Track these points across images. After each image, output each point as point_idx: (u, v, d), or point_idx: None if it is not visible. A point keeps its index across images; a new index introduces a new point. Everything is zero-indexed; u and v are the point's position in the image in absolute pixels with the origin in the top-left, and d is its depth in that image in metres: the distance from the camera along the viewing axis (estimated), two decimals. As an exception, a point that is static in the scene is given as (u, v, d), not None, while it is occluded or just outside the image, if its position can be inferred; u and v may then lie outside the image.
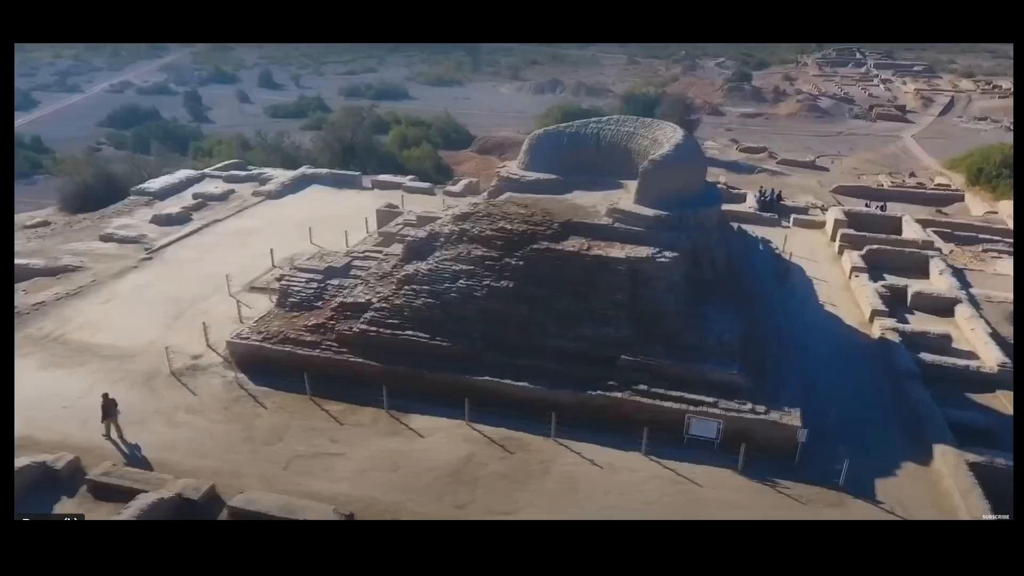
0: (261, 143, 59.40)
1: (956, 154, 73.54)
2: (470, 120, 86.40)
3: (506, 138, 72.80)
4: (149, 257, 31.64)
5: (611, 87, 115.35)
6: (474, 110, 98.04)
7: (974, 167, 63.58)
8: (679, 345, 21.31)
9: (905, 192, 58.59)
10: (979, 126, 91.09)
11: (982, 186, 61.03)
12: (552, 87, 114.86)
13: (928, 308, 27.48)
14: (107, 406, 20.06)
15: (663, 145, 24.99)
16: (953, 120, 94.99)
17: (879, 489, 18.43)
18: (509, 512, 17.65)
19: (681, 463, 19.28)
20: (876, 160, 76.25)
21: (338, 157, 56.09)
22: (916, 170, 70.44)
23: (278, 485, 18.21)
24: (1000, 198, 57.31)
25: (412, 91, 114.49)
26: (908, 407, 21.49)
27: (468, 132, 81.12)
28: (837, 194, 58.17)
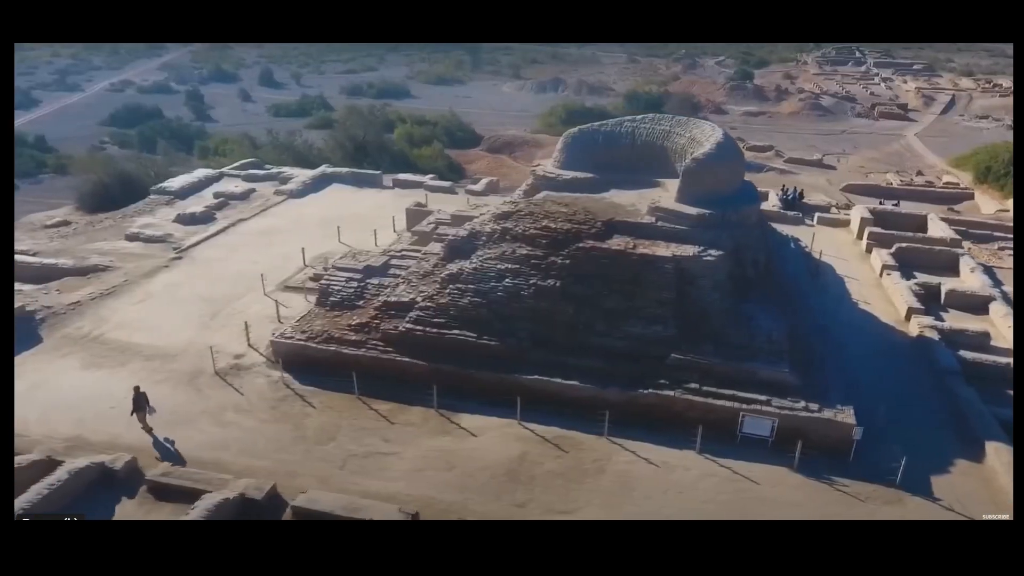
0: (273, 142, 59.12)
1: (959, 152, 74.00)
2: (474, 119, 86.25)
3: (515, 137, 72.84)
4: (179, 256, 31.48)
5: (612, 86, 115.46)
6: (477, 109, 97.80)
7: (982, 165, 63.95)
8: (726, 343, 21.39)
9: (915, 191, 58.84)
10: (981, 124, 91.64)
11: (991, 184, 61.35)
12: (554, 86, 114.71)
13: (962, 306, 27.66)
14: (138, 399, 20.01)
15: (702, 143, 25.06)
16: (955, 118, 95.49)
17: (935, 486, 18.55)
18: (569, 511, 17.68)
19: (735, 461, 19.34)
20: (881, 158, 76.63)
21: (350, 156, 55.96)
22: (921, 168, 70.83)
23: (335, 485, 18.18)
24: (1009, 196, 57.66)
25: (413, 90, 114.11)
26: (954, 405, 21.64)
27: (473, 131, 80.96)
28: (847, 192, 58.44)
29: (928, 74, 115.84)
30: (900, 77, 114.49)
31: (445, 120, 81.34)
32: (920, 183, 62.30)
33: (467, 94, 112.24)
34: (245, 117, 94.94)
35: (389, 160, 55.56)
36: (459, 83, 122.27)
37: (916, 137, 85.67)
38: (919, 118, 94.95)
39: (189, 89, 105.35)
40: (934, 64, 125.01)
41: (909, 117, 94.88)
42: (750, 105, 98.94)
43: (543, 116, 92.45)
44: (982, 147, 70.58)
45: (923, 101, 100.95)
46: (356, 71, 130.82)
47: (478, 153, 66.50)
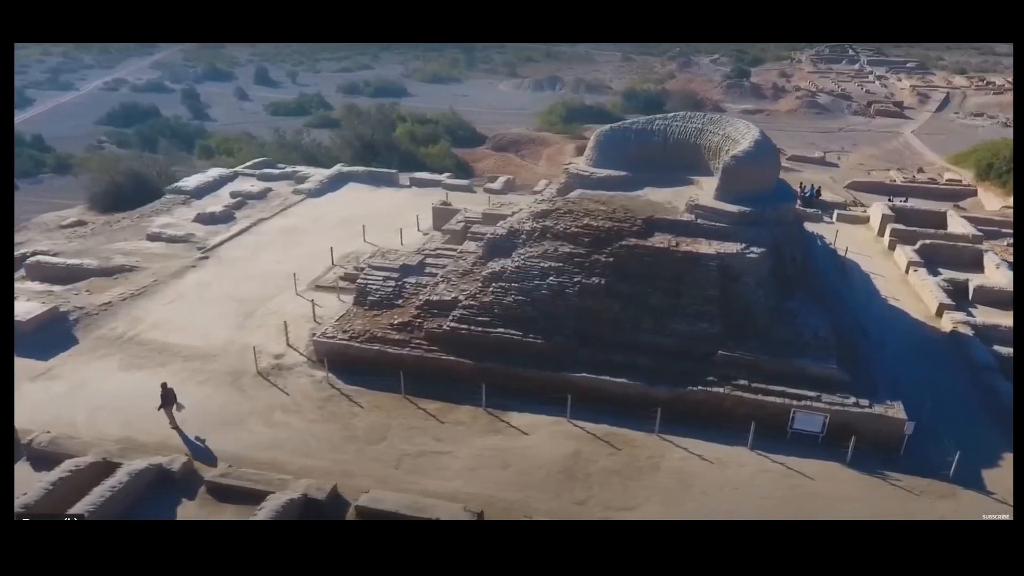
0: (280, 141, 58.79)
1: (957, 150, 74.80)
2: (473, 117, 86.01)
3: (520, 135, 72.79)
4: (205, 256, 31.27)
5: (609, 84, 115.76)
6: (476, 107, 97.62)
7: (983, 162, 64.59)
8: (772, 340, 21.54)
9: (918, 188, 59.40)
10: (976, 122, 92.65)
11: (993, 181, 62.04)
12: (551, 84, 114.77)
13: (990, 302, 27.99)
14: (167, 395, 19.89)
15: (738, 141, 25.17)
16: (950, 116, 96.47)
17: (986, 480, 18.79)
18: (628, 508, 17.76)
19: (787, 457, 19.49)
20: (880, 156, 77.28)
21: (359, 155, 55.75)
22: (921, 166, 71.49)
23: (394, 484, 18.15)
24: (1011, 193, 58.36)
25: (410, 88, 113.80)
26: (994, 400, 21.91)
27: (474, 129, 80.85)
28: (852, 190, 58.98)
29: (921, 72, 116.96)
30: (894, 75, 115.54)
31: (446, 119, 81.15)
32: (923, 180, 62.92)
33: (465, 92, 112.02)
34: (243, 116, 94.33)
35: (398, 159, 55.37)
36: (456, 81, 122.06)
37: (913, 134, 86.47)
38: (915, 116, 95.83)
39: (185, 88, 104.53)
40: (926, 62, 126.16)
41: (905, 115, 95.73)
42: (747, 103, 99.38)
43: (543, 114, 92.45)
44: (982, 144, 71.35)
45: (918, 99, 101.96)
46: (351, 69, 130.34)
47: (484, 152, 66.43)
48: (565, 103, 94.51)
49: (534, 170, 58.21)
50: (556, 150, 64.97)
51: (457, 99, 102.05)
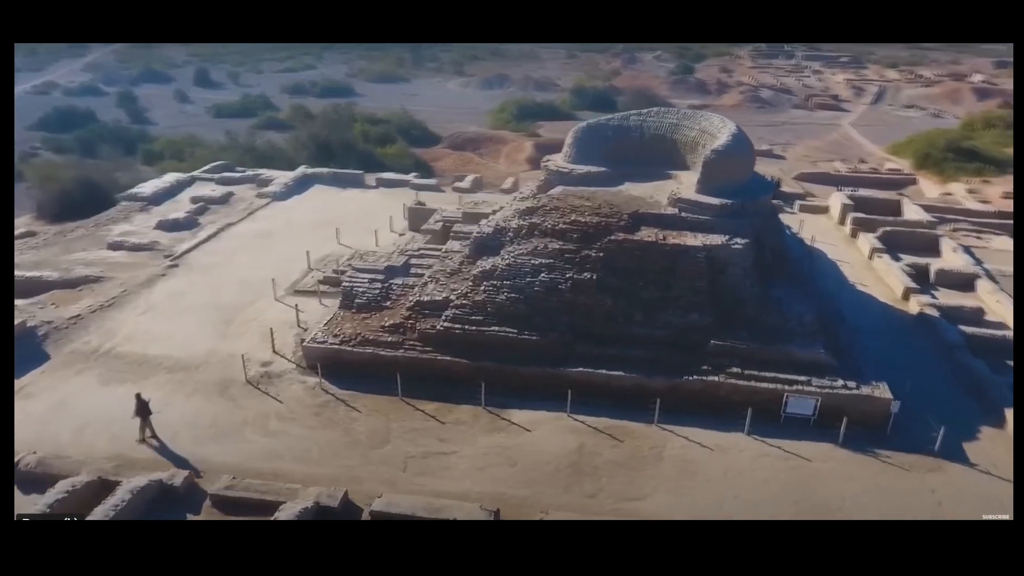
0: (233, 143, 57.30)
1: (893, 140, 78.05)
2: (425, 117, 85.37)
3: (478, 133, 72.71)
4: (174, 264, 30.30)
5: (557, 81, 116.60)
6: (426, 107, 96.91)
7: (920, 152, 67.61)
8: (760, 328, 22.14)
9: (863, 177, 61.76)
10: (909, 113, 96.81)
11: (930, 170, 64.99)
12: (499, 82, 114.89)
13: (950, 284, 29.38)
14: (141, 407, 19.28)
15: (715, 135, 25.76)
16: (884, 108, 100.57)
17: (969, 453, 19.75)
18: (639, 498, 18.05)
19: (782, 440, 20.09)
20: (822, 147, 79.98)
21: (315, 156, 54.81)
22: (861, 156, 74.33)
23: (403, 487, 18.01)
24: (948, 181, 61.26)
25: (357, 88, 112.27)
26: (967, 376, 23.03)
27: (427, 128, 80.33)
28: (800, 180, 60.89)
29: (855, 66, 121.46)
30: (829, 69, 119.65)
31: (398, 118, 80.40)
32: (866, 170, 65.47)
33: (413, 92, 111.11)
34: (185, 119, 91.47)
35: (357, 159, 54.63)
36: (403, 81, 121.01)
37: (851, 126, 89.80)
38: (852, 108, 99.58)
39: (121, 91, 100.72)
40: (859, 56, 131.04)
41: (842, 107, 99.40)
42: (693, 98, 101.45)
43: (494, 112, 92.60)
44: (918, 135, 74.66)
45: (853, 92, 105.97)
46: (295, 69, 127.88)
47: (442, 151, 66.09)
48: (516, 101, 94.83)
49: (495, 168, 58.24)
50: (514, 148, 65.17)
51: (407, 98, 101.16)
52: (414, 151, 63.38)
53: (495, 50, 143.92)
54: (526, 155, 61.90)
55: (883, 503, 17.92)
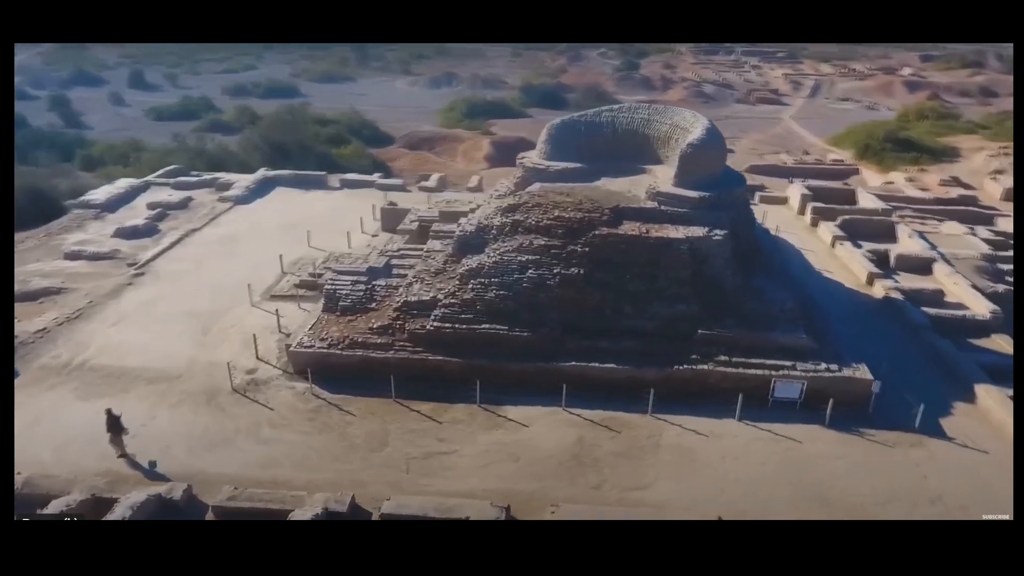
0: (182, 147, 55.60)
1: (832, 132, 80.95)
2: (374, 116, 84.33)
3: (433, 132, 72.29)
4: (140, 273, 29.29)
5: (505, 79, 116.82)
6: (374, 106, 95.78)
7: (860, 143, 70.37)
8: (744, 316, 22.78)
9: (808, 168, 63.72)
10: (845, 106, 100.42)
11: (870, 160, 67.69)
12: (447, 81, 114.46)
13: (909, 268, 30.71)
14: (114, 422, 18.56)
15: (688, 129, 26.34)
16: (821, 101, 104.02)
17: (946, 428, 20.74)
18: (643, 487, 18.37)
19: (772, 424, 20.72)
20: (767, 140, 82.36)
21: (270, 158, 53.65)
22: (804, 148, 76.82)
23: (408, 488, 17.91)
24: (888, 170, 63.90)
25: (302, 88, 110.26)
26: (936, 355, 24.16)
27: (377, 128, 79.52)
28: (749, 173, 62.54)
29: (791, 61, 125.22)
30: (767, 64, 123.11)
31: (347, 118, 79.34)
32: (811, 161, 67.61)
33: (360, 91, 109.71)
34: (122, 122, 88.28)
35: (314, 161, 53.69)
36: (349, 80, 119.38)
37: (792, 119, 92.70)
38: (791, 102, 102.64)
39: (52, 94, 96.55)
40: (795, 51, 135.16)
41: (782, 101, 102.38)
42: (639, 94, 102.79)
43: (444, 111, 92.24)
44: (857, 126, 77.62)
45: (791, 86, 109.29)
46: (235, 70, 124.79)
47: (397, 150, 65.50)
48: (466, 99, 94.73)
49: (454, 167, 58.04)
50: (471, 146, 65.05)
51: (354, 98, 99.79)
52: (370, 151, 62.63)
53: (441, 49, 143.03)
54: (484, 153, 61.92)
55: (873, 479, 18.68)
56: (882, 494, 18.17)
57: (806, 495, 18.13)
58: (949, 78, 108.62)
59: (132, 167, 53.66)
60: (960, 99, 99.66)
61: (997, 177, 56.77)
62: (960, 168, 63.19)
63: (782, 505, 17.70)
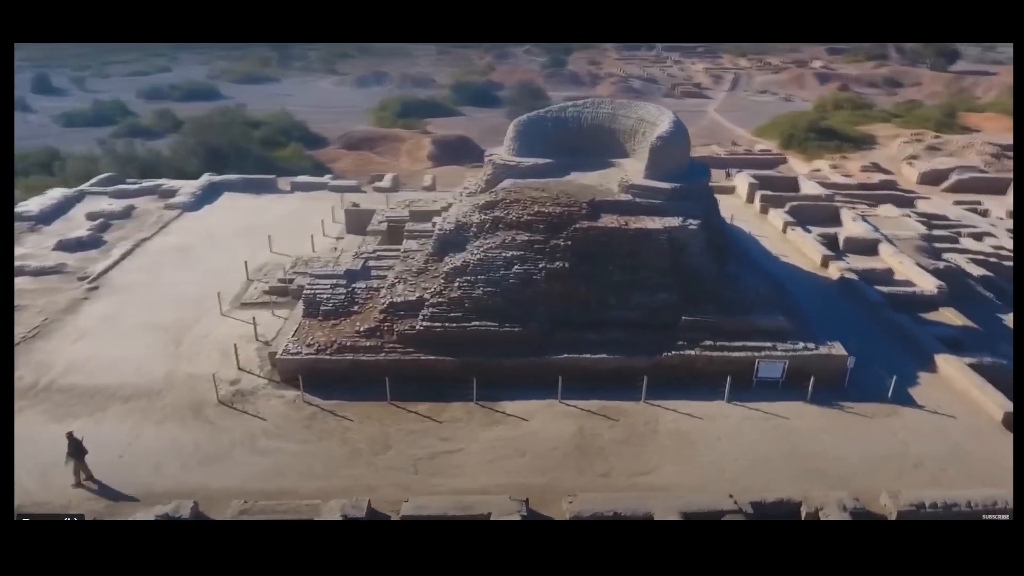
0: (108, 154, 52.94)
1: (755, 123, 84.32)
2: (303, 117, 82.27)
3: (371, 132, 71.23)
4: (94, 286, 27.83)
5: (434, 77, 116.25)
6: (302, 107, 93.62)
7: (785, 133, 73.60)
8: (723, 302, 23.58)
9: (740, 159, 66.25)
10: (763, 98, 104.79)
11: (795, 149, 70.88)
12: (376, 80, 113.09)
13: (857, 250, 32.47)
14: (76, 447, 17.55)
15: (655, 123, 27.02)
16: (742, 94, 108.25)
17: (915, 397, 22.11)
18: (648, 472, 18.84)
19: (759, 403, 21.56)
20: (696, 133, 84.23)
21: (207, 163, 51.80)
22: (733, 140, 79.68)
23: (420, 489, 17.79)
24: (813, 158, 67.08)
25: (223, 90, 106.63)
26: (895, 330, 25.68)
27: (308, 129, 77.70)
28: (686, 165, 64.42)
29: (710, 55, 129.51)
30: (688, 59, 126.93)
31: (277, 120, 77.32)
32: (741, 152, 70.24)
33: (285, 92, 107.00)
34: (30, 129, 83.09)
35: (254, 164, 52.12)
36: (272, 81, 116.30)
37: (717, 112, 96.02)
38: (714, 95, 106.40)
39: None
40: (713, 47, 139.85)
41: (705, 95, 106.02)
42: (569, 90, 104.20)
43: (376, 111, 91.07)
44: (780, 117, 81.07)
45: (712, 80, 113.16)
46: (147, 72, 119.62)
47: (337, 151, 64.26)
48: (399, 98, 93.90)
49: (399, 166, 57.40)
50: (414, 145, 64.49)
51: (279, 99, 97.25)
52: (310, 153, 61.26)
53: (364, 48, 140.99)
54: (427, 152, 61.52)
55: (859, 449, 19.75)
56: (870, 463, 19.23)
57: (802, 468, 19.00)
58: (857, 70, 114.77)
59: (57, 176, 50.88)
60: (868, 89, 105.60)
61: (913, 162, 60.59)
62: (878, 155, 67.07)
63: (782, 480, 18.50)
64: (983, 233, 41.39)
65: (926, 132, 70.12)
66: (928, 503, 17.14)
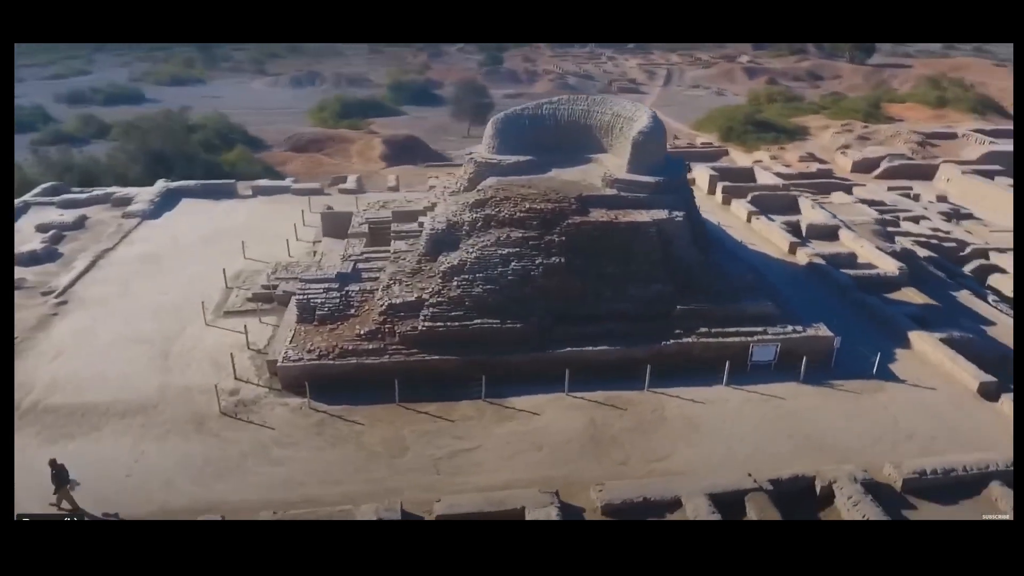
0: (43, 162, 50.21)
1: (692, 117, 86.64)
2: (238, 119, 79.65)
3: (318, 134, 69.82)
4: (63, 301, 26.48)
5: (369, 76, 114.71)
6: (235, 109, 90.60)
7: (724, 126, 75.97)
8: (712, 290, 24.38)
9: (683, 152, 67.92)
10: (696, 92, 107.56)
11: (734, 141, 73.28)
12: (310, 80, 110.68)
13: (819, 236, 33.99)
14: (60, 474, 16.93)
15: (631, 119, 27.62)
16: (675, 89, 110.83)
17: (896, 372, 23.40)
18: (664, 458, 19.37)
19: (755, 385, 22.42)
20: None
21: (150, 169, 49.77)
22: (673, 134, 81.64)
23: (445, 489, 17.80)
24: (752, 150, 69.58)
25: (148, 92, 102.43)
26: (866, 310, 27.06)
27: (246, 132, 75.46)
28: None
29: (642, 51, 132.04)
30: (621, 55, 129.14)
31: (213, 123, 74.80)
32: (683, 145, 72.10)
33: (215, 94, 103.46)
34: (-61, 138, 77.96)
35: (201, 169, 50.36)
36: (199, 82, 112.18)
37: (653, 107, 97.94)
38: (648, 91, 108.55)
39: None
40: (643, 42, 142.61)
41: (641, 90, 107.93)
42: (508, 88, 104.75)
43: (314, 111, 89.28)
44: (716, 111, 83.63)
45: (646, 75, 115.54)
46: (64, 75, 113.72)
47: (284, 154, 62.70)
48: (337, 98, 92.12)
49: (351, 167, 56.40)
50: (364, 146, 63.53)
51: (210, 101, 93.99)
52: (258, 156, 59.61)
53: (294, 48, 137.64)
54: (379, 152, 60.76)
55: (854, 424, 20.81)
56: (866, 437, 20.30)
57: (805, 446, 19.90)
58: (781, 64, 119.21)
59: None
60: (793, 83, 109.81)
61: (846, 152, 63.65)
62: (812, 145, 70.09)
63: (790, 457, 19.33)
64: (919, 216, 43.99)
65: (855, 122, 73.65)
66: (929, 470, 18.23)
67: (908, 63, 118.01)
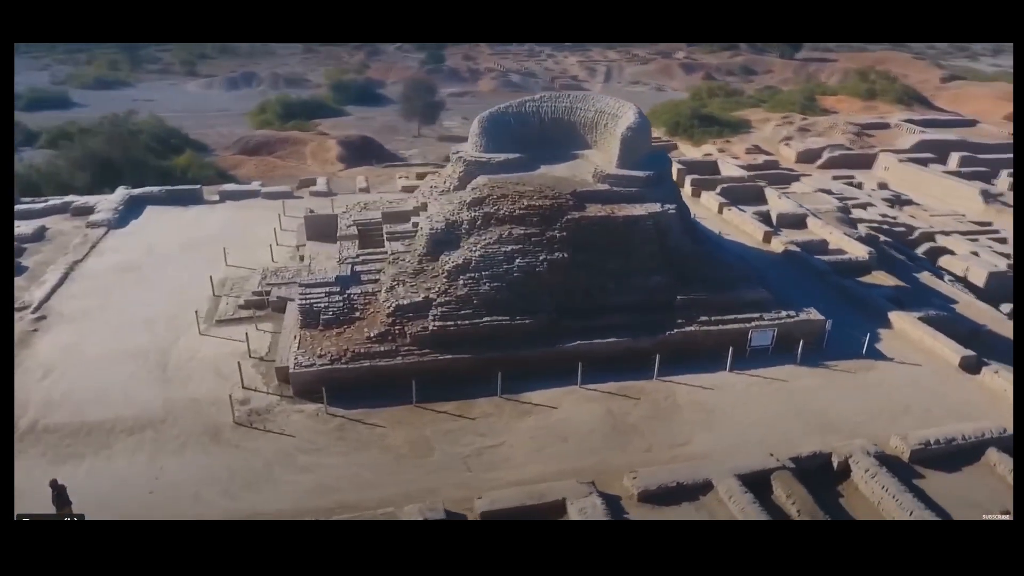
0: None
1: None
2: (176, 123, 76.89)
3: (268, 136, 68.15)
4: (41, 317, 25.20)
5: (307, 77, 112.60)
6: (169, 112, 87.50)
7: (671, 121, 77.84)
8: (708, 280, 25.14)
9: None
10: (637, 88, 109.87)
11: (682, 136, 75.22)
12: (246, 81, 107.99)
13: (789, 224, 35.41)
14: (60, 495, 16.40)
15: (617, 114, 28.15)
16: (616, 85, 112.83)
17: (883, 350, 24.68)
18: (686, 443, 19.96)
19: (757, 369, 23.28)
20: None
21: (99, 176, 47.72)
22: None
23: (479, 486, 17.87)
24: (700, 144, 71.56)
25: (74, 96, 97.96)
26: (845, 293, 28.39)
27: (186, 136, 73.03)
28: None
29: (580, 49, 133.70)
30: (560, 53, 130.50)
31: (150, 127, 71.97)
32: (633, 140, 73.50)
33: (145, 97, 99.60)
34: None
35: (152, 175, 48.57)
36: (126, 85, 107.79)
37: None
38: (590, 87, 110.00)
39: None
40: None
41: (583, 87, 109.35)
42: (453, 86, 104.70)
43: (254, 113, 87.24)
44: (662, 106, 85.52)
45: (587, 72, 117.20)
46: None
47: (235, 157, 60.96)
48: (279, 98, 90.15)
49: (307, 170, 55.37)
50: (318, 147, 62.38)
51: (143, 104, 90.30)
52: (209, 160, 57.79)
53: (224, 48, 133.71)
54: (335, 154, 59.77)
55: (854, 402, 21.88)
56: (867, 413, 21.38)
57: (814, 424, 20.81)
58: (716, 60, 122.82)
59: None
60: (728, 77, 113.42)
61: (789, 143, 66.26)
62: (756, 138, 72.50)
63: (802, 435, 20.19)
64: (866, 203, 46.33)
65: (794, 115, 76.57)
66: (932, 440, 19.38)
67: (833, 57, 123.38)
